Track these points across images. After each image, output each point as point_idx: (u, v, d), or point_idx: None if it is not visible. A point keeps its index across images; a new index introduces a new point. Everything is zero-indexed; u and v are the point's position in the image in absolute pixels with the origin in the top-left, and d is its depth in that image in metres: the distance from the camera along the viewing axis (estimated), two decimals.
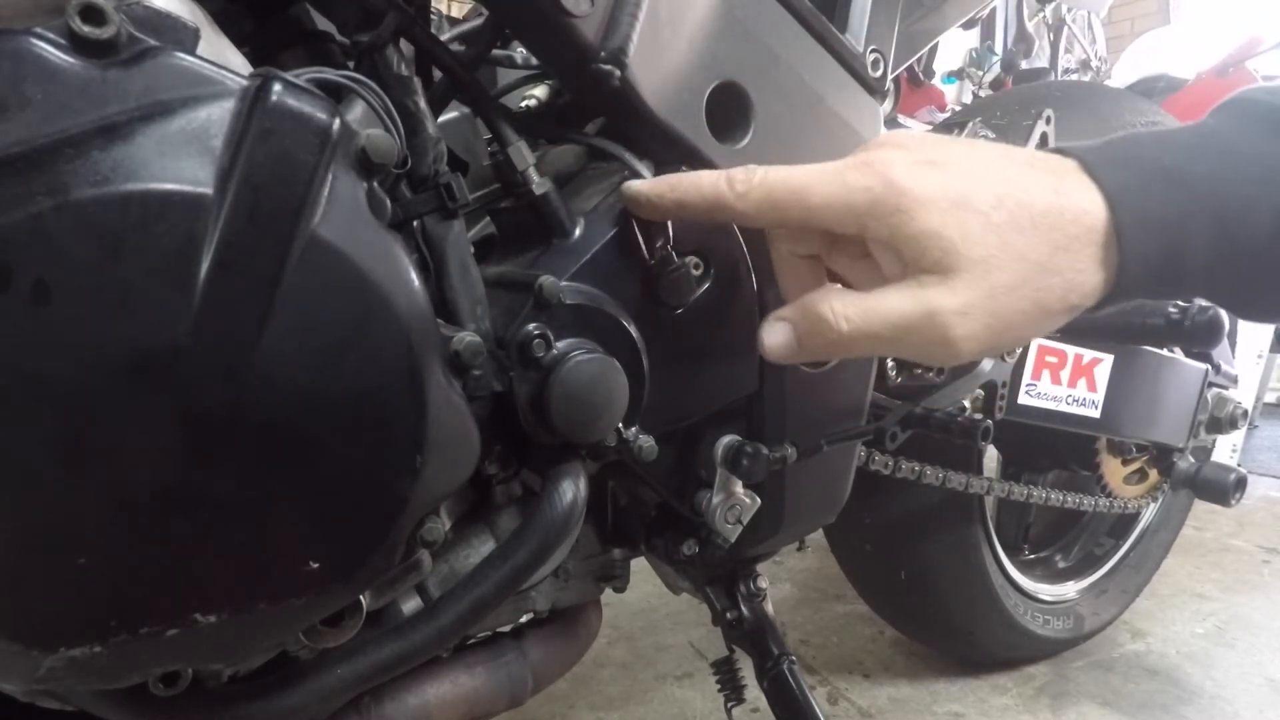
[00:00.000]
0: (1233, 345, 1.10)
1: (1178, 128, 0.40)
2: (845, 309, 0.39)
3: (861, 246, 0.42)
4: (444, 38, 0.60)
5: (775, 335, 0.43)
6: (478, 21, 0.58)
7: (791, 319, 0.42)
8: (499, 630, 0.58)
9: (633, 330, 0.48)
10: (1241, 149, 0.38)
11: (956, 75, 3.30)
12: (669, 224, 0.49)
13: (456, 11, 1.64)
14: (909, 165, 0.38)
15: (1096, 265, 0.37)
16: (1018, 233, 0.36)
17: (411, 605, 0.48)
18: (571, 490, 0.46)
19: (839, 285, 0.41)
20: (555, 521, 0.46)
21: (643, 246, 0.49)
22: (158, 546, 0.33)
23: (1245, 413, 1.05)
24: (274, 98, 0.32)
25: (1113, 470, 1.02)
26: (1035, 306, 0.37)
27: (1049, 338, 0.82)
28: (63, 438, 0.30)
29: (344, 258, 0.34)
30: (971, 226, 0.36)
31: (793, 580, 1.44)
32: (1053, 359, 0.83)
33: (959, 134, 0.86)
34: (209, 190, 0.31)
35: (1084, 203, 0.37)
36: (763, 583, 0.70)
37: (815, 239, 0.45)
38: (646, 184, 0.45)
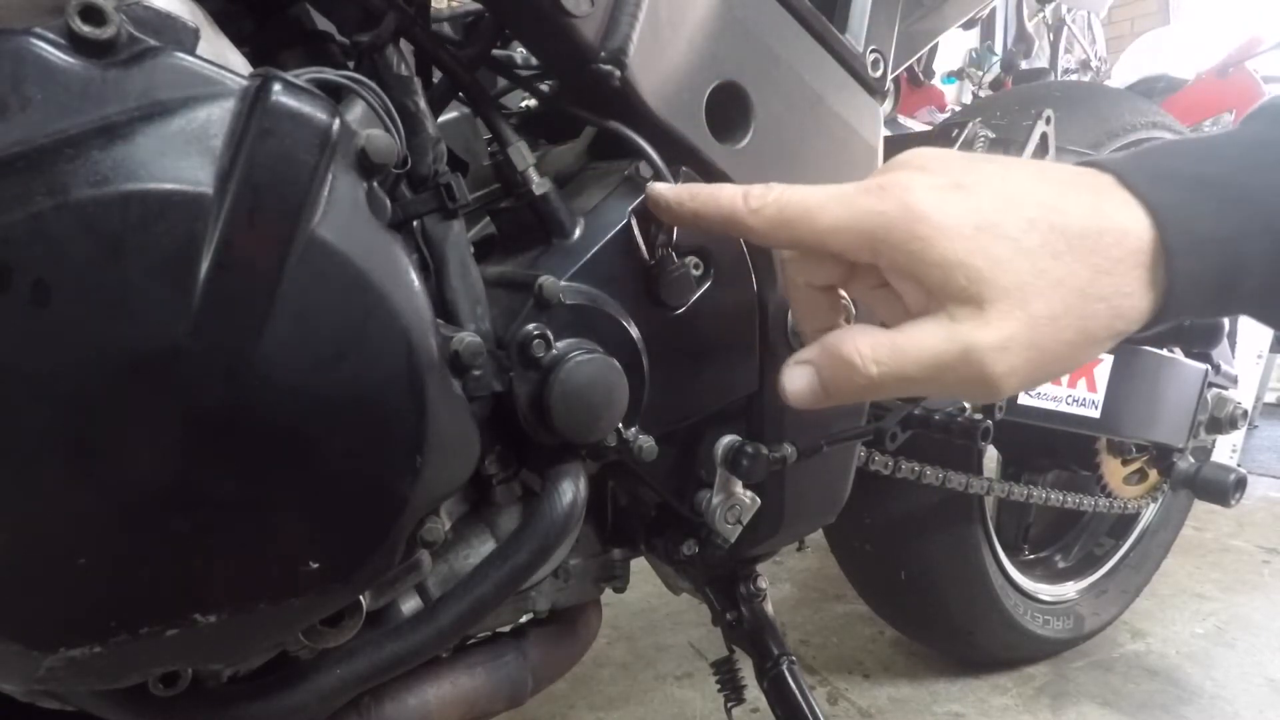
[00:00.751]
0: (1233, 345, 1.10)
1: (1213, 136, 0.37)
2: (874, 351, 0.36)
3: (880, 275, 0.38)
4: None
5: (797, 382, 0.39)
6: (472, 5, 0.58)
7: (815, 362, 0.38)
8: (499, 630, 0.58)
9: (633, 330, 0.48)
10: None
11: (956, 75, 3.30)
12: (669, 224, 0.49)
13: None
14: (930, 189, 0.35)
15: (1144, 288, 0.34)
16: (1053, 258, 0.34)
17: (411, 605, 0.48)
18: (571, 490, 0.46)
19: (862, 325, 0.38)
20: (555, 522, 0.46)
21: (643, 247, 0.49)
22: (157, 547, 0.33)
23: (1245, 413, 1.05)
24: (274, 98, 0.32)
25: (1112, 470, 1.02)
26: (1080, 335, 0.34)
27: None
28: (63, 438, 0.30)
29: (344, 258, 0.34)
30: (1000, 253, 0.33)
31: (793, 580, 1.44)
32: None
33: (959, 134, 0.86)
34: (209, 190, 0.31)
35: (1126, 222, 0.34)
36: (762, 583, 0.70)
37: (831, 268, 0.41)
38: (670, 189, 0.44)
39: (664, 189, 0.44)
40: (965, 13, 0.74)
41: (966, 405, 0.78)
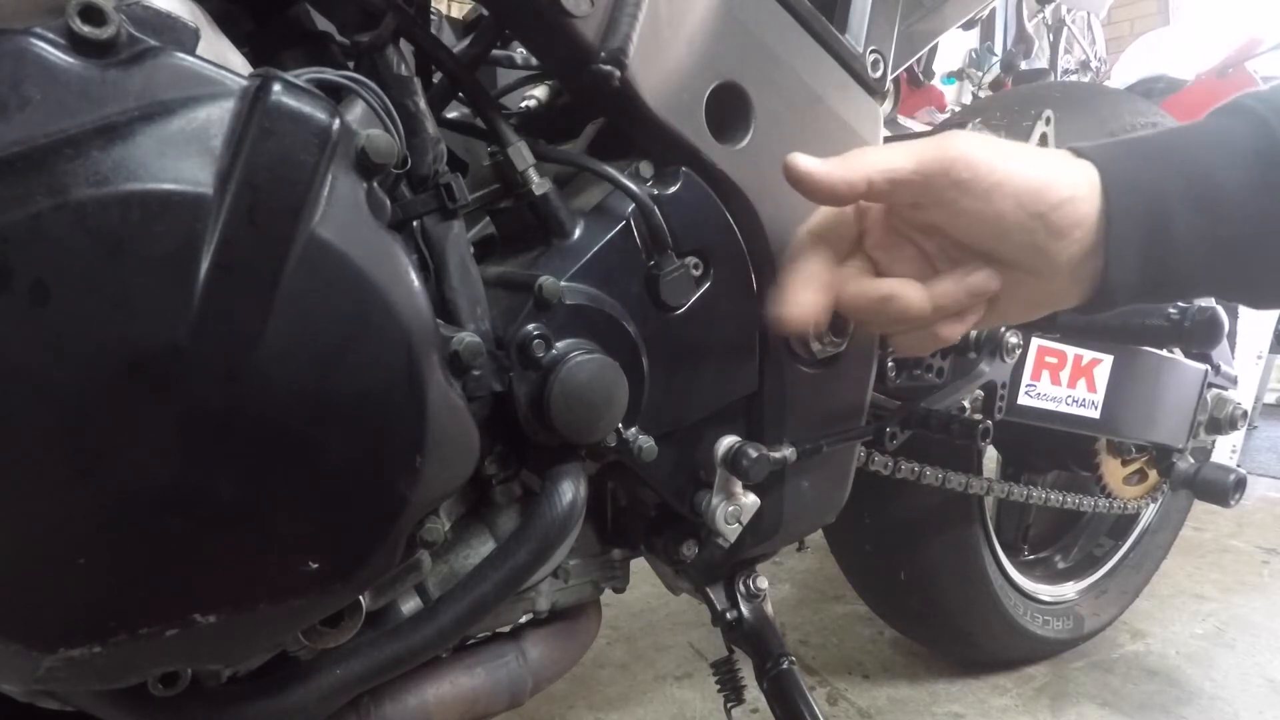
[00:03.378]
0: (1232, 346, 1.10)
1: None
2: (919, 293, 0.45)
3: (894, 236, 0.47)
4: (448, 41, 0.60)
5: (805, 159, 0.44)
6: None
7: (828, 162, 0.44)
8: (499, 630, 0.58)
9: (632, 330, 0.48)
10: (1209, 128, 0.44)
11: (956, 76, 3.30)
12: (668, 224, 0.49)
13: (456, 11, 1.64)
14: (973, 140, 0.43)
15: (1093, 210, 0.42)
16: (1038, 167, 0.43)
17: (411, 605, 0.48)
18: (571, 491, 0.46)
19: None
20: (555, 522, 0.46)
21: (642, 247, 0.49)
22: (157, 547, 0.33)
23: (1245, 413, 1.05)
24: (274, 98, 0.32)
25: (1112, 471, 1.02)
26: (1047, 179, 0.42)
27: (1048, 338, 0.82)
28: (62, 438, 0.30)
29: (344, 258, 0.34)
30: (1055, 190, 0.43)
31: (792, 580, 1.44)
32: (1052, 359, 0.83)
33: None
34: (209, 190, 0.31)
35: (1083, 168, 0.44)
36: (762, 583, 0.70)
37: (843, 238, 0.48)
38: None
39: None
40: (965, 13, 0.74)
41: (965, 404, 0.78)
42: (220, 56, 0.37)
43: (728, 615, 0.70)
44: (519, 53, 0.71)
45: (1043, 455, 1.04)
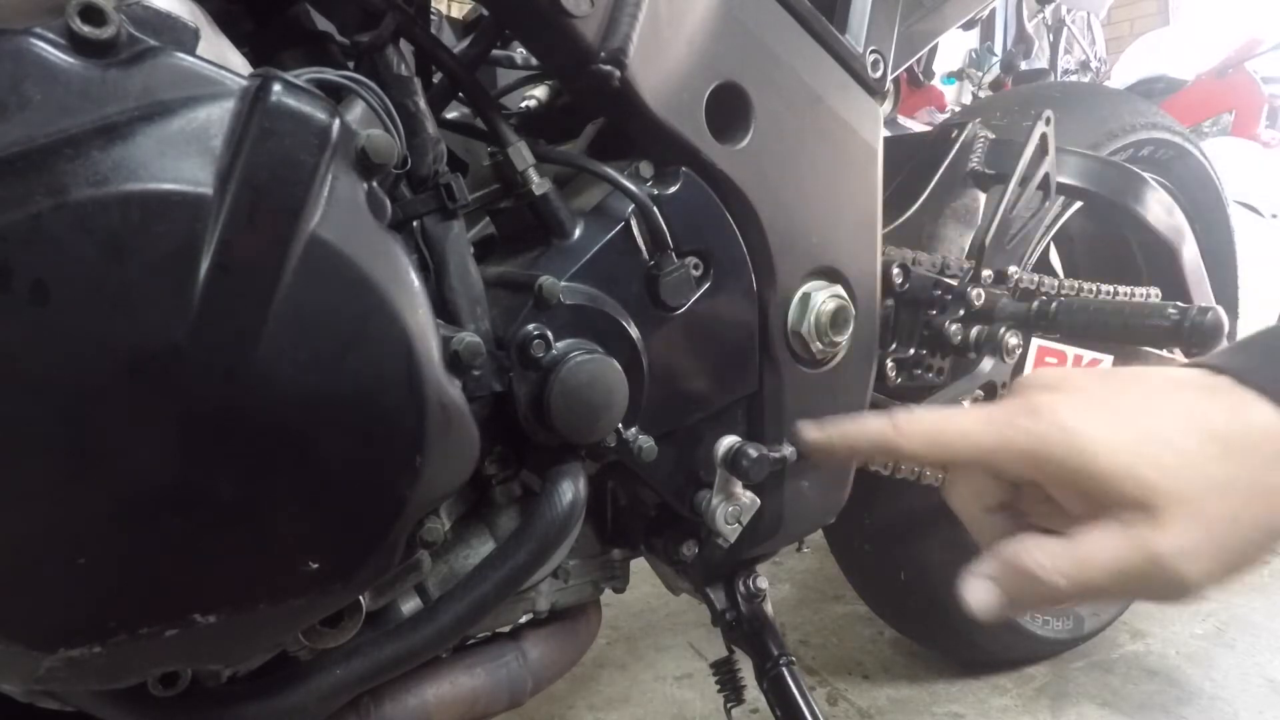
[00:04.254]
0: None
1: None
2: (1056, 563, 0.36)
3: (1046, 495, 0.39)
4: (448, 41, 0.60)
5: (980, 595, 0.38)
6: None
7: (995, 576, 0.38)
8: (499, 630, 0.58)
9: (632, 331, 0.48)
10: None
11: (956, 76, 3.30)
12: (668, 224, 0.49)
13: (456, 11, 1.64)
14: (1078, 408, 0.37)
15: None
16: (1212, 461, 0.35)
17: (411, 606, 0.48)
18: (571, 491, 0.46)
19: (1035, 536, 0.38)
20: (555, 522, 0.46)
21: (642, 247, 0.49)
22: (157, 547, 0.33)
23: None
24: (274, 98, 0.32)
25: None
26: (1264, 533, 0.34)
27: (1048, 339, 0.82)
28: (62, 438, 0.30)
29: (344, 258, 0.34)
30: (1166, 461, 0.35)
31: (792, 581, 1.44)
32: (1052, 360, 0.83)
33: (959, 135, 0.86)
34: (209, 190, 0.31)
35: (1266, 418, 0.35)
36: (762, 583, 0.70)
37: (996, 490, 0.43)
38: (820, 434, 0.46)
39: (815, 435, 0.46)
40: (965, 13, 0.74)
41: (966, 404, 0.78)
42: (220, 56, 0.37)
43: (728, 615, 0.70)
44: (519, 53, 0.71)
45: None
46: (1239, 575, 0.35)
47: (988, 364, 0.77)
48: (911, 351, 0.73)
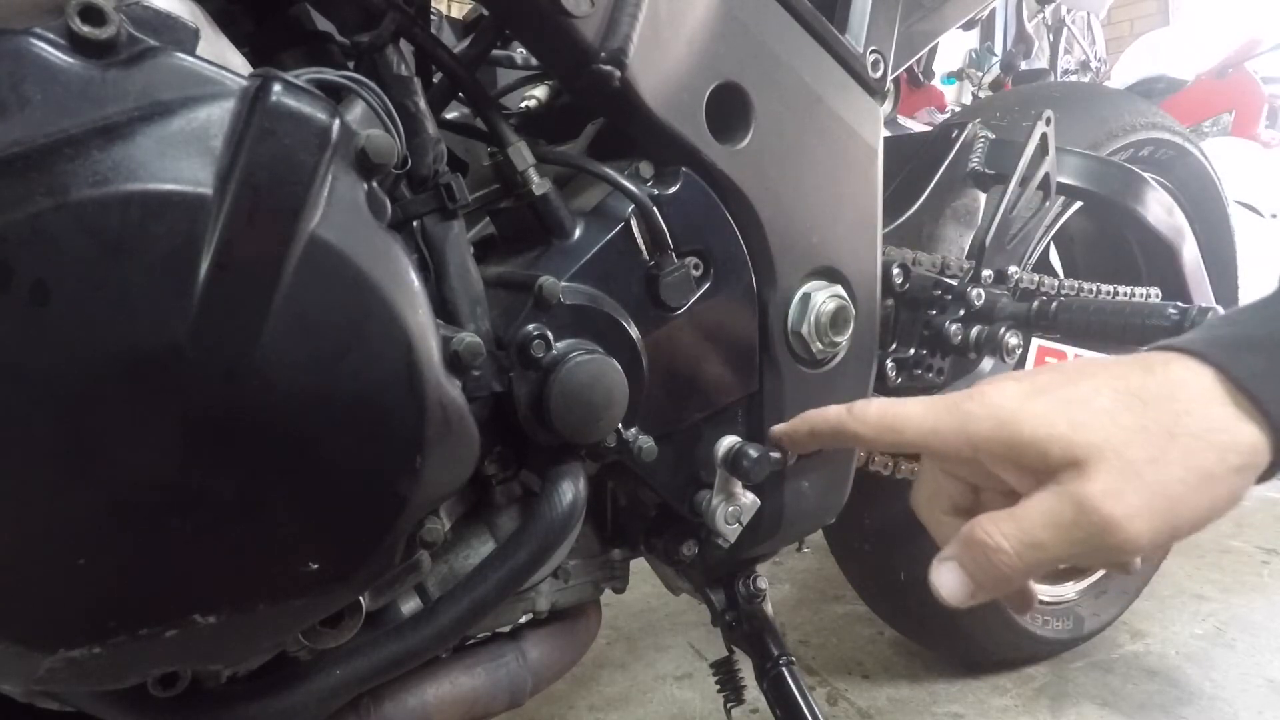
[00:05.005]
0: None
1: (1267, 299, 0.40)
2: (1000, 527, 0.38)
3: (1005, 496, 0.42)
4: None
5: (947, 579, 0.41)
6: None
7: (955, 556, 0.41)
8: (498, 630, 0.58)
9: (632, 331, 0.48)
10: None
11: (956, 76, 3.30)
12: (668, 224, 0.49)
13: (456, 11, 1.64)
14: (1005, 391, 0.40)
15: (1237, 421, 0.36)
16: (1129, 410, 0.37)
17: (411, 606, 0.48)
18: (571, 491, 0.46)
19: (987, 512, 0.40)
20: (555, 522, 0.46)
21: (642, 247, 0.49)
22: (157, 547, 0.33)
23: None
24: (274, 98, 0.32)
25: None
26: (1191, 472, 0.36)
27: (1049, 338, 0.82)
28: (62, 438, 0.30)
29: (343, 258, 0.34)
30: (1079, 417, 0.37)
31: (792, 581, 1.44)
32: (1052, 360, 0.83)
33: (959, 135, 0.86)
34: (209, 190, 0.31)
35: (1179, 372, 0.37)
36: (762, 583, 0.70)
37: (956, 491, 0.45)
38: (787, 427, 0.53)
39: (781, 428, 0.53)
40: (965, 13, 0.74)
41: None
42: (220, 56, 0.37)
43: (728, 615, 0.70)
44: (519, 53, 0.71)
45: None
46: (1179, 522, 0.37)
47: (988, 364, 0.77)
48: (911, 351, 0.73)
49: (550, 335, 0.44)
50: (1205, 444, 0.36)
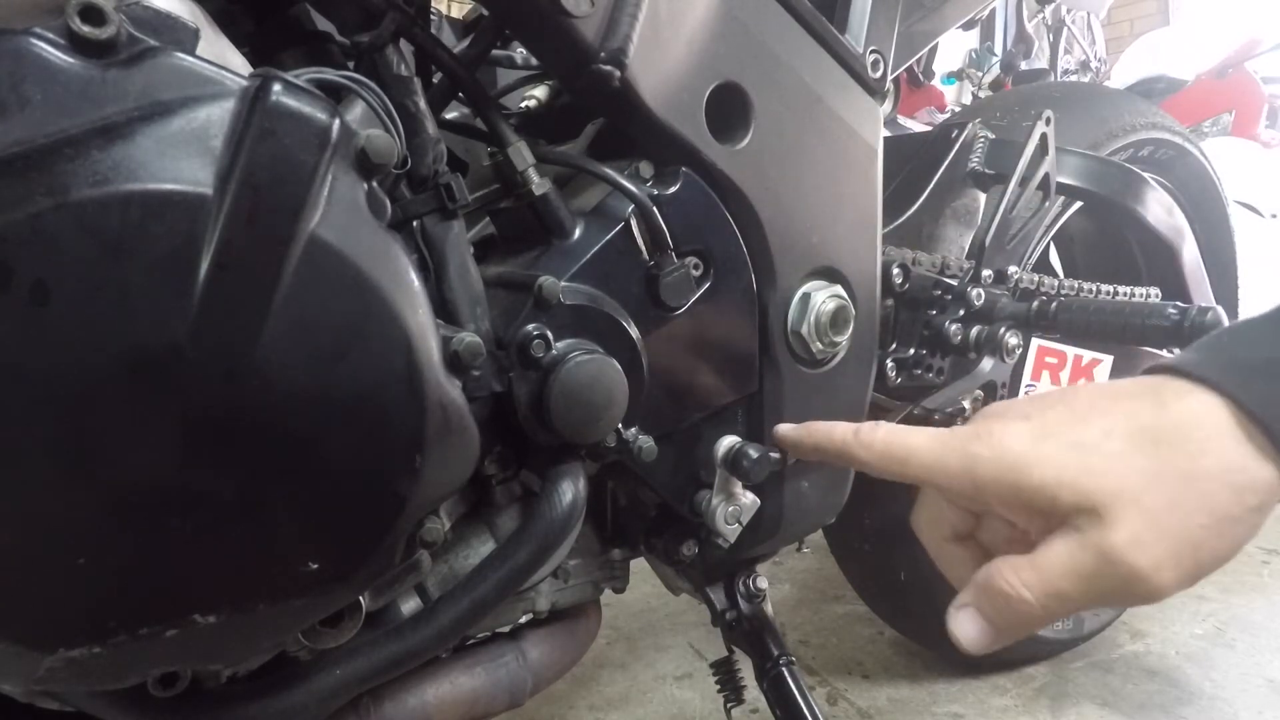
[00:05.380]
0: None
1: (1267, 315, 0.38)
2: (1020, 576, 0.37)
3: (1008, 523, 0.41)
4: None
5: (966, 628, 0.40)
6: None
7: (973, 603, 0.40)
8: (498, 630, 0.58)
9: (632, 331, 0.48)
10: None
11: (956, 76, 3.31)
12: (668, 224, 0.49)
13: (456, 11, 1.64)
14: (1011, 430, 0.39)
15: (1254, 460, 0.35)
16: (1140, 454, 0.36)
17: (411, 606, 0.48)
18: (571, 491, 0.46)
19: (1005, 556, 0.39)
20: (555, 522, 0.46)
21: (642, 247, 0.49)
22: (157, 547, 0.33)
23: None
24: (274, 98, 0.32)
25: None
26: (1210, 516, 0.35)
27: (1049, 339, 0.82)
28: (62, 438, 0.30)
29: (343, 258, 0.34)
30: (1093, 463, 0.36)
31: (792, 581, 1.44)
32: (1052, 360, 0.83)
33: (959, 135, 0.86)
34: (208, 190, 0.31)
35: (1194, 407, 0.36)
36: (762, 583, 0.70)
37: (956, 518, 0.45)
38: (792, 430, 0.52)
39: (787, 430, 0.52)
40: (965, 13, 0.74)
41: (966, 405, 0.78)
42: (220, 56, 0.37)
43: (728, 615, 0.70)
44: (519, 53, 0.71)
45: None
46: (1202, 566, 0.36)
47: (988, 364, 0.77)
48: (911, 351, 0.73)
49: (550, 335, 0.44)
50: (1222, 485, 0.35)
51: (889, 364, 0.71)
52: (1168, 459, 0.35)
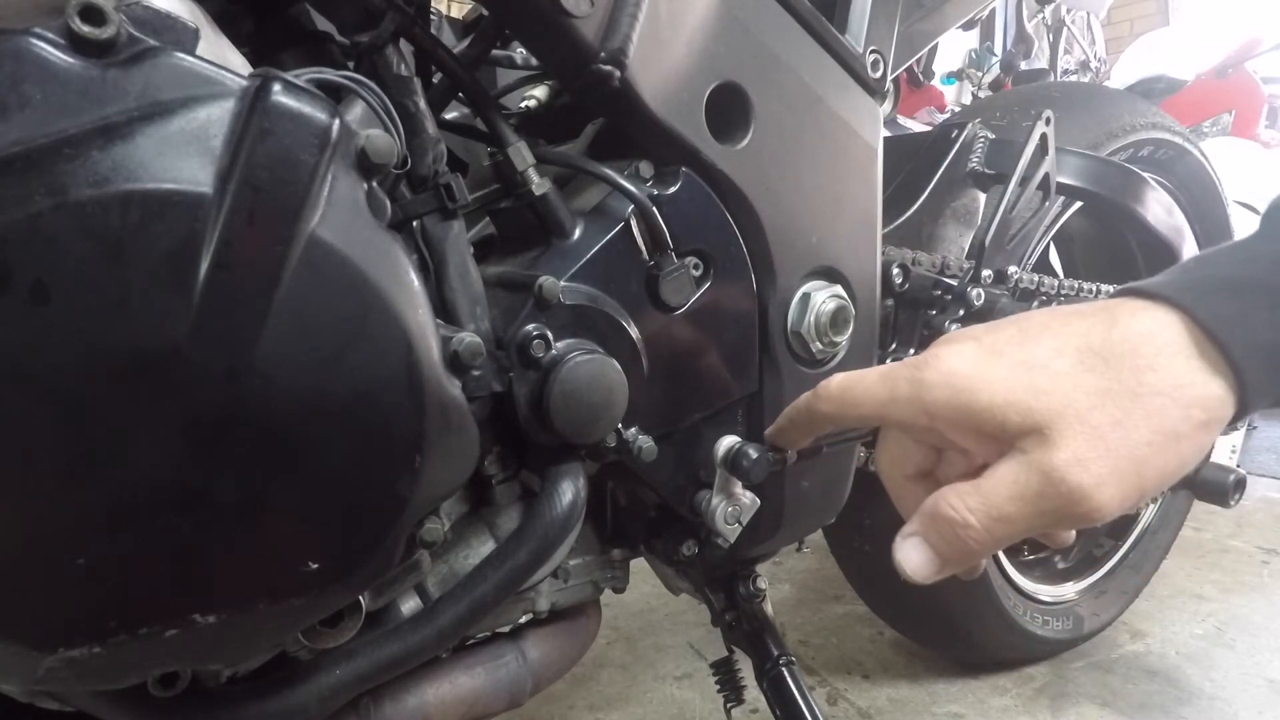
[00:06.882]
0: None
1: (1238, 242, 0.38)
2: (965, 501, 0.37)
3: (967, 457, 0.40)
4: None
5: (911, 554, 0.39)
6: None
7: (919, 531, 0.39)
8: (498, 630, 0.58)
9: (632, 331, 0.48)
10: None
11: (956, 76, 3.31)
12: (668, 224, 0.49)
13: (456, 11, 1.64)
14: (959, 353, 0.38)
15: (1204, 375, 0.35)
16: (1090, 371, 0.35)
17: (411, 606, 0.48)
18: (571, 491, 0.46)
19: (951, 484, 0.39)
20: (555, 522, 0.46)
21: (642, 247, 0.49)
22: (157, 547, 0.33)
23: None
24: (274, 98, 0.32)
25: None
26: (1157, 433, 0.34)
27: None
28: (62, 438, 0.30)
29: (343, 258, 0.34)
30: (1039, 381, 0.36)
31: (792, 581, 1.44)
32: None
33: (959, 135, 0.86)
34: (208, 190, 0.31)
35: (1145, 323, 0.36)
36: (762, 583, 0.70)
37: (916, 454, 0.44)
38: (774, 428, 0.52)
39: (771, 429, 0.52)
40: (965, 13, 0.74)
41: None
42: (220, 56, 0.37)
43: (727, 615, 0.70)
44: (519, 53, 0.71)
45: None
46: (1146, 484, 0.35)
47: None
48: (911, 351, 0.73)
49: (550, 335, 0.44)
50: (1170, 401, 0.34)
51: (889, 364, 0.71)
52: (1115, 376, 0.35)
